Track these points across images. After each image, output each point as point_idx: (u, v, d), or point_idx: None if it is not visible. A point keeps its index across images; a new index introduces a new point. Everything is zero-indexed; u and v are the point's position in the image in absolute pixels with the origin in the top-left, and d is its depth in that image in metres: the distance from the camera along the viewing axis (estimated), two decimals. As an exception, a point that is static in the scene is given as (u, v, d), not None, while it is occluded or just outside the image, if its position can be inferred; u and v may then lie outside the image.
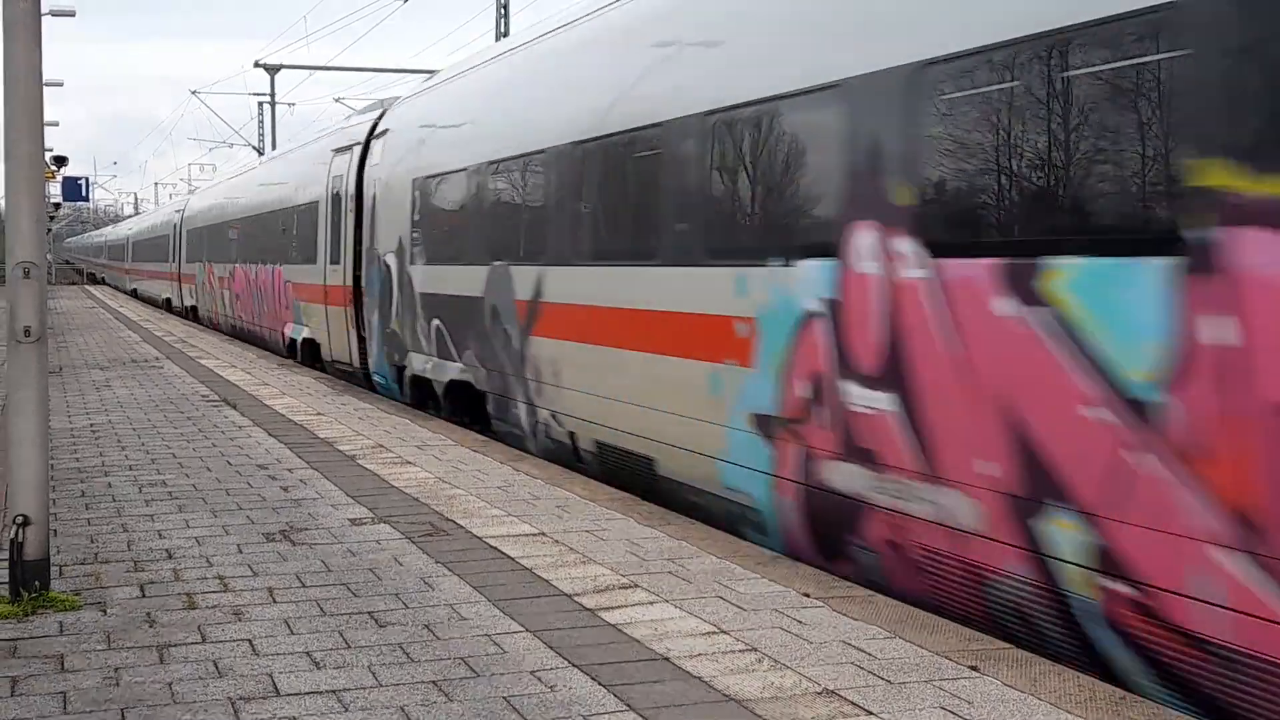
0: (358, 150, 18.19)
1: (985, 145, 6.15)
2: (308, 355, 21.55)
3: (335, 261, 18.94)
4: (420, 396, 15.27)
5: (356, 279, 17.86)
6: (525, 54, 12.76)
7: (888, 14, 6.98)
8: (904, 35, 6.72)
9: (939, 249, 6.44)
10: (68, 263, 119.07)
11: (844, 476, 7.25)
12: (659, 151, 9.19)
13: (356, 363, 18.07)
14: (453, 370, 13.75)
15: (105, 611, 6.41)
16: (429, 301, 14.53)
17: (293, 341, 22.62)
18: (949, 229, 6.40)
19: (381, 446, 11.91)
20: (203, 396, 16.32)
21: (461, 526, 8.37)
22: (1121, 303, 5.36)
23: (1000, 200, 6.14)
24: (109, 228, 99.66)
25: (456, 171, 13.58)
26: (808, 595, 6.64)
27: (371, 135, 17.79)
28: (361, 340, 17.73)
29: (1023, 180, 5.99)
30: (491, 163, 12.54)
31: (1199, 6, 5.01)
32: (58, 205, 53.82)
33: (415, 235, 15.15)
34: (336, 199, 19.06)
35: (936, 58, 6.43)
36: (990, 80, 6.12)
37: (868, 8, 7.23)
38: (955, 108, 6.34)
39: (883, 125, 6.82)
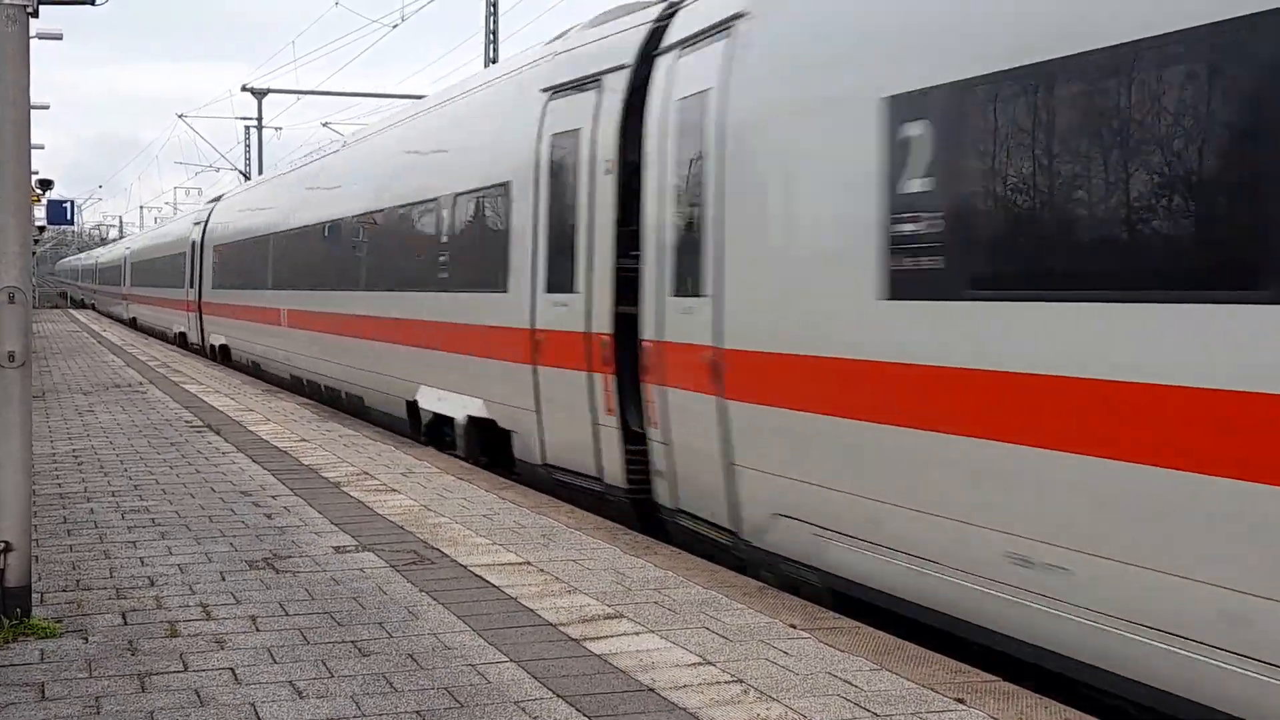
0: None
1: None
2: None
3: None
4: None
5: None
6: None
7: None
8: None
9: None
10: (63, 294, 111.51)
11: None
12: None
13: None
14: None
15: (87, 639, 6.36)
16: None
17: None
18: None
19: (366, 473, 11.87)
20: (186, 422, 16.25)
21: (446, 555, 8.33)
22: None
23: None
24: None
25: None
26: (794, 626, 6.62)
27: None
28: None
29: None
30: None
31: None
32: (42, 228, 53.75)
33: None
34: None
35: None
36: None
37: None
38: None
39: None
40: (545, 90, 11.26)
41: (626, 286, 9.67)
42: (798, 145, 7.55)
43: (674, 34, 9.27)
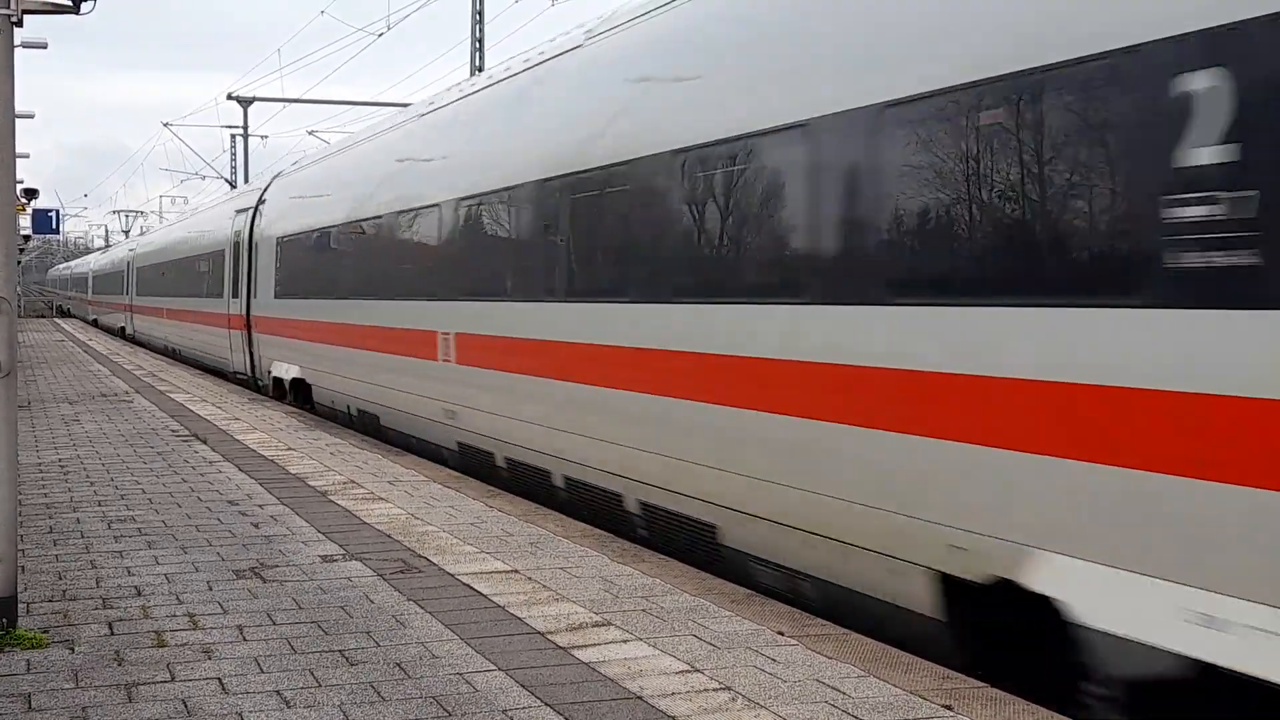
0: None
1: None
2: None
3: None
4: None
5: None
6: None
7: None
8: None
9: None
10: (60, 308, 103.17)
11: None
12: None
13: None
14: None
15: (73, 649, 6.34)
16: None
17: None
18: None
19: (353, 482, 11.85)
20: (173, 431, 16.21)
21: (434, 563, 8.32)
22: None
23: None
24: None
25: None
26: (782, 633, 6.62)
27: None
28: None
29: None
30: None
31: None
32: (27, 237, 53.58)
33: None
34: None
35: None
36: None
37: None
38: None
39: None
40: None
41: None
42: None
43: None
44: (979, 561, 6.09)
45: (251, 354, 23.15)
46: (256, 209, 22.98)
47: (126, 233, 73.26)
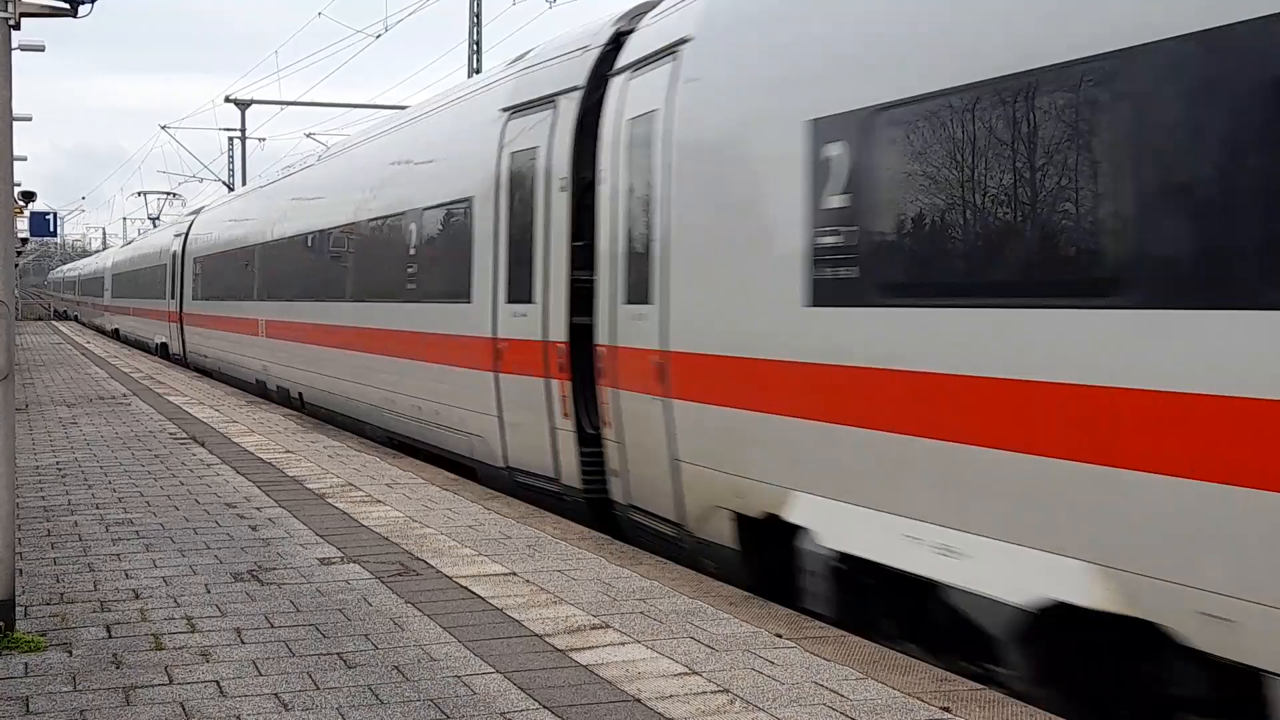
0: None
1: None
2: None
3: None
4: None
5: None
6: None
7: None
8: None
9: None
10: (62, 312, 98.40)
11: None
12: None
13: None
14: None
15: (71, 652, 6.34)
16: None
17: None
18: None
19: (351, 485, 11.85)
20: (170, 434, 16.21)
21: (432, 566, 8.32)
22: None
23: None
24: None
25: None
26: (780, 636, 6.62)
27: None
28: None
29: None
30: None
31: None
32: (25, 240, 53.48)
33: None
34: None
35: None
36: None
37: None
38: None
39: None
40: (505, 110, 11.82)
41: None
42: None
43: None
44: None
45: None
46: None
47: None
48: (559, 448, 10.55)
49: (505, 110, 11.75)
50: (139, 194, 68.57)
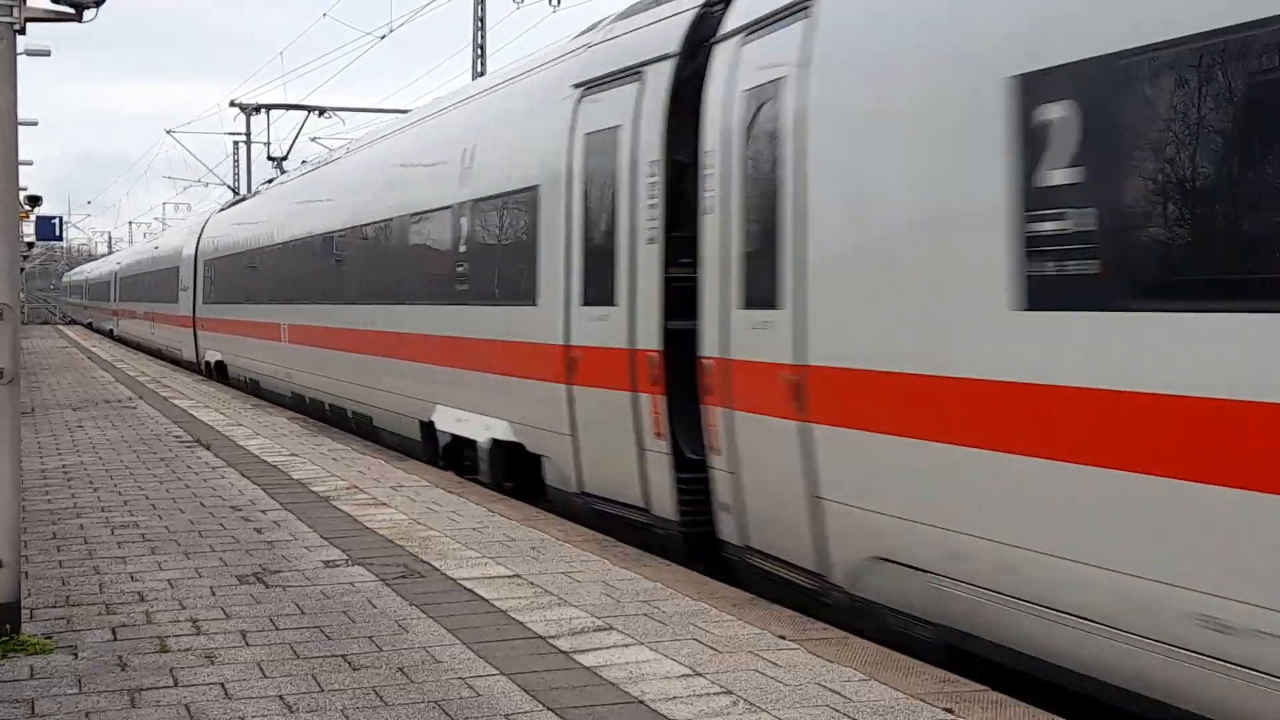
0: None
1: None
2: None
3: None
4: None
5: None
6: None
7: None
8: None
9: None
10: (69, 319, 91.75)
11: None
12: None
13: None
14: None
15: (77, 655, 6.36)
16: None
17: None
18: None
19: (356, 488, 11.87)
20: (176, 437, 16.24)
21: (436, 568, 8.34)
22: None
23: None
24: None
25: None
26: (783, 637, 6.63)
27: None
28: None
29: None
30: None
31: None
32: (31, 245, 53.54)
33: None
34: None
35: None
36: None
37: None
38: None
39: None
40: (577, 86, 10.36)
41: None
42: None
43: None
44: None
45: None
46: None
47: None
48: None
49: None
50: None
